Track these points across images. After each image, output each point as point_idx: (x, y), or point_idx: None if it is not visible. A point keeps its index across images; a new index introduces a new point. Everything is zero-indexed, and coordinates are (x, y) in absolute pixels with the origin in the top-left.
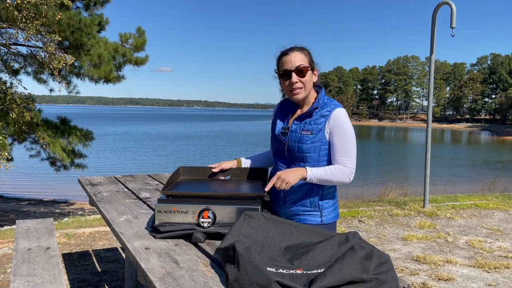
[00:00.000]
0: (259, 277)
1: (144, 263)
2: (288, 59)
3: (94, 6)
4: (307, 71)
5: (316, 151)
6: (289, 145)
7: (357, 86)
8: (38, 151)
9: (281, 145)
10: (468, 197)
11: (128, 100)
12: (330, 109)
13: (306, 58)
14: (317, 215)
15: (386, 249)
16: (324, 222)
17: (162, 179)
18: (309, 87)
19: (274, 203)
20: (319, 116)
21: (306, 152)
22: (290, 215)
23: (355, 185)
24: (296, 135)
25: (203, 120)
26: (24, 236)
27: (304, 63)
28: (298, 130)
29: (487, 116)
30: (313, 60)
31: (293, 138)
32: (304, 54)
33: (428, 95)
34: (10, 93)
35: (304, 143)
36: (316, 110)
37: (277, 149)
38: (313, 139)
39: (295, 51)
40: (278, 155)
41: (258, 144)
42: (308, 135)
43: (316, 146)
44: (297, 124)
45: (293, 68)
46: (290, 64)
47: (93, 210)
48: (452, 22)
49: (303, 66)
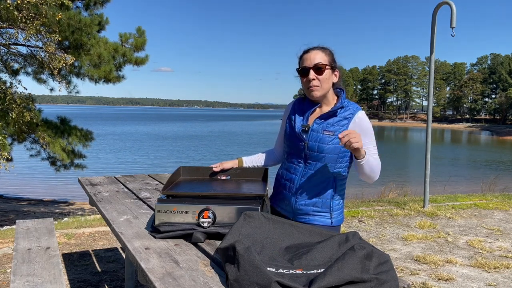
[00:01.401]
0: (259, 277)
1: (144, 263)
2: (308, 56)
3: (94, 6)
4: (325, 69)
5: (336, 152)
6: (309, 144)
7: (357, 86)
8: (38, 151)
9: (299, 143)
10: (468, 197)
11: (128, 100)
12: (353, 111)
13: (327, 57)
14: (327, 216)
15: (386, 249)
16: (334, 224)
17: (162, 179)
18: (327, 86)
19: (281, 201)
20: (342, 117)
21: (326, 153)
22: (298, 214)
23: (355, 185)
24: (317, 134)
25: (203, 120)
26: (24, 236)
27: (323, 61)
28: (320, 129)
29: (487, 116)
30: (335, 60)
31: (313, 137)
32: (325, 53)
33: (428, 95)
34: (10, 93)
35: (325, 144)
36: (340, 110)
37: (294, 147)
38: (334, 141)
39: (316, 49)
40: (294, 154)
41: (259, 144)
42: (330, 136)
43: (337, 148)
44: (319, 123)
45: (311, 65)
46: (309, 61)
47: (93, 210)
48: (452, 22)
49: (321, 64)
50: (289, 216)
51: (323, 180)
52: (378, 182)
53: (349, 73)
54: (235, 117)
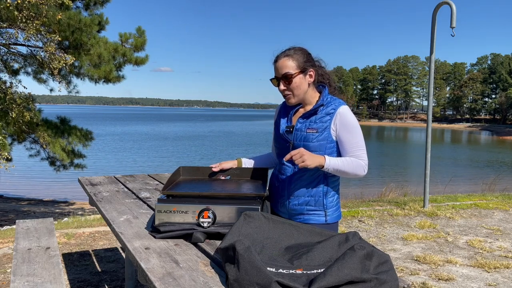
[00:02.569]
0: (259, 277)
1: (144, 263)
2: (276, 66)
3: (94, 6)
4: (293, 77)
5: (322, 149)
6: (294, 144)
7: (357, 86)
8: (38, 151)
9: (286, 144)
10: (468, 197)
11: (128, 100)
12: (335, 107)
13: (295, 63)
14: (322, 214)
15: (386, 249)
16: (328, 222)
17: (162, 179)
18: (299, 91)
19: (276, 203)
20: (324, 114)
21: (313, 150)
22: (293, 215)
23: (355, 185)
24: (301, 133)
25: (203, 120)
26: (24, 236)
27: (291, 69)
28: (303, 128)
29: (487, 116)
30: (308, 60)
31: (298, 137)
32: (292, 59)
33: (428, 95)
34: (10, 92)
35: (310, 141)
36: (321, 108)
37: (282, 148)
38: (318, 138)
39: (282, 58)
40: (283, 155)
41: (259, 145)
42: (313, 133)
43: (322, 145)
44: (302, 122)
45: (280, 76)
46: (278, 72)
47: (93, 210)
48: (452, 22)
49: (288, 74)
50: (286, 217)
51: (313, 178)
52: (378, 182)
53: (349, 73)
54: (235, 117)
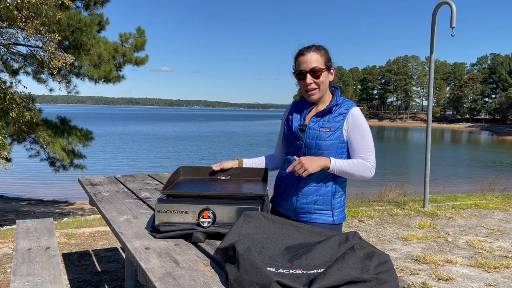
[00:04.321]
0: (259, 277)
1: (144, 263)
2: (304, 59)
3: (94, 6)
4: (321, 72)
5: (334, 148)
6: (306, 142)
7: (357, 86)
8: (38, 151)
9: (297, 142)
10: (468, 197)
11: (128, 100)
12: (348, 107)
13: (322, 58)
14: (329, 214)
15: (386, 249)
16: (335, 222)
17: (162, 179)
18: (324, 88)
19: (282, 200)
20: (337, 114)
21: (325, 149)
22: (300, 213)
23: (355, 185)
24: (314, 132)
25: (203, 120)
26: (24, 236)
27: (320, 64)
28: (316, 127)
29: (487, 116)
30: (330, 59)
31: (311, 135)
32: (320, 54)
33: (428, 95)
34: (10, 92)
35: (323, 140)
36: (335, 107)
37: (292, 146)
38: (331, 137)
39: (311, 52)
40: (293, 153)
41: (259, 145)
42: (326, 132)
43: (334, 144)
44: (315, 121)
45: (308, 69)
46: (306, 65)
47: (93, 210)
48: (452, 22)
49: (318, 68)
50: (291, 216)
51: (323, 177)
52: (378, 182)
53: (349, 73)
54: (235, 117)
